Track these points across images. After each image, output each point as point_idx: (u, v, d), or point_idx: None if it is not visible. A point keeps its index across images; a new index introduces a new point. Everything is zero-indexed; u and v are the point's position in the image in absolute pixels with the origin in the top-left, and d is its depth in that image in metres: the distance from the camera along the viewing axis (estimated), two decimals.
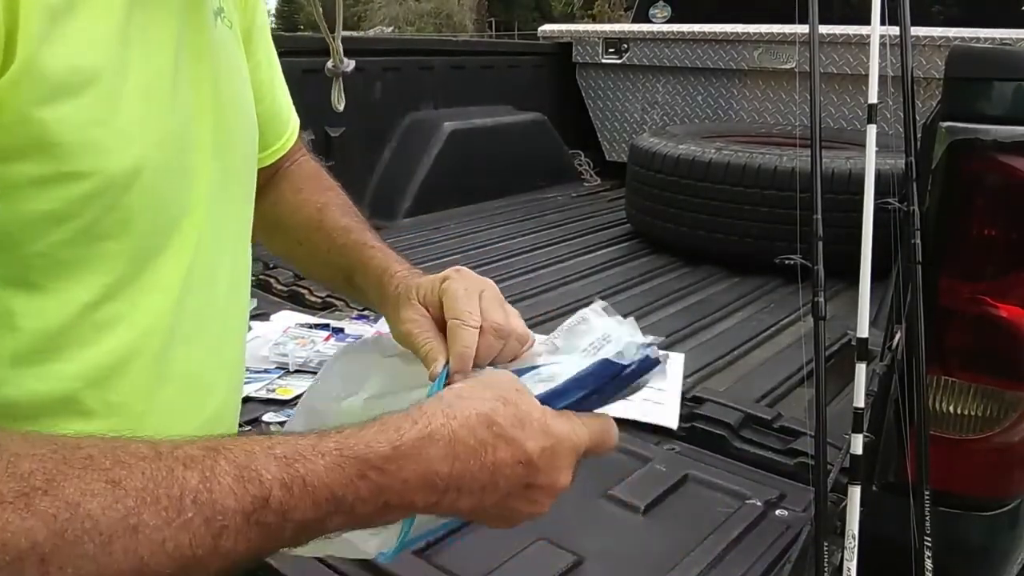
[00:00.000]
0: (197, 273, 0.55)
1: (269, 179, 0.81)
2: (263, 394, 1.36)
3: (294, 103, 0.87)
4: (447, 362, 0.57)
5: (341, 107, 0.69)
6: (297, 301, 1.92)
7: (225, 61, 0.60)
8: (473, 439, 0.49)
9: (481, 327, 0.58)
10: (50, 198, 0.43)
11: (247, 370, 1.48)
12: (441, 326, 0.60)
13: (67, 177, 0.44)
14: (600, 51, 3.46)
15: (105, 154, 0.45)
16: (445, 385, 0.55)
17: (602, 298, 2.26)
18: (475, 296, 0.61)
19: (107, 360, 0.50)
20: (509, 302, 0.76)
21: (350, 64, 0.69)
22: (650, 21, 3.66)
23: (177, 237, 0.53)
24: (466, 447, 0.48)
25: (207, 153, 0.56)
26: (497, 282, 2.10)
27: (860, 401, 0.97)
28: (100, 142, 0.45)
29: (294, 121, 0.83)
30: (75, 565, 0.36)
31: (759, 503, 1.07)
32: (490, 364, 0.59)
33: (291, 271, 2.09)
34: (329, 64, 0.68)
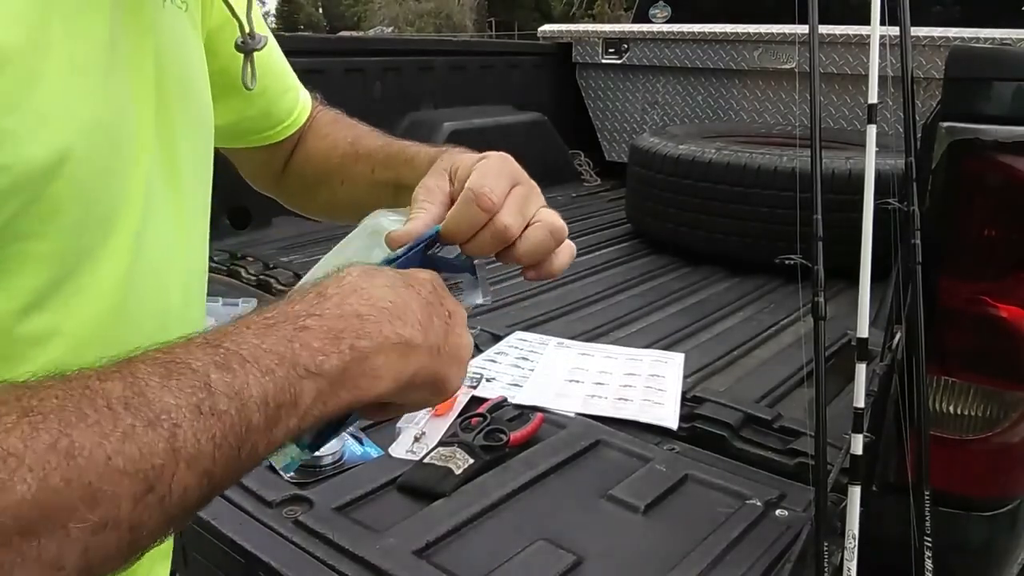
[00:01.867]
0: (140, 276, 0.49)
1: (291, 149, 0.80)
2: None
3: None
4: (432, 233, 0.52)
5: (253, 87, 0.65)
6: None
7: (173, 45, 0.55)
8: (402, 283, 0.46)
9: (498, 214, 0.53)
10: None
11: None
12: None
13: None
14: (600, 51, 3.46)
15: (21, 143, 0.40)
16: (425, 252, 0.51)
17: (602, 298, 2.25)
18: (504, 180, 0.56)
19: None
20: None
21: (261, 40, 0.64)
22: (650, 21, 3.66)
23: (113, 236, 0.47)
24: (401, 281, 0.46)
25: (148, 143, 0.50)
26: (497, 282, 2.11)
27: (860, 401, 0.97)
28: (15, 130, 0.40)
29: (304, 93, 0.80)
30: (15, 515, 0.30)
31: (759, 503, 1.07)
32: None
33: (291, 271, 2.09)
34: (238, 40, 0.63)
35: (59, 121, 0.42)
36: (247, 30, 0.63)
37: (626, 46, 3.39)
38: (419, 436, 1.22)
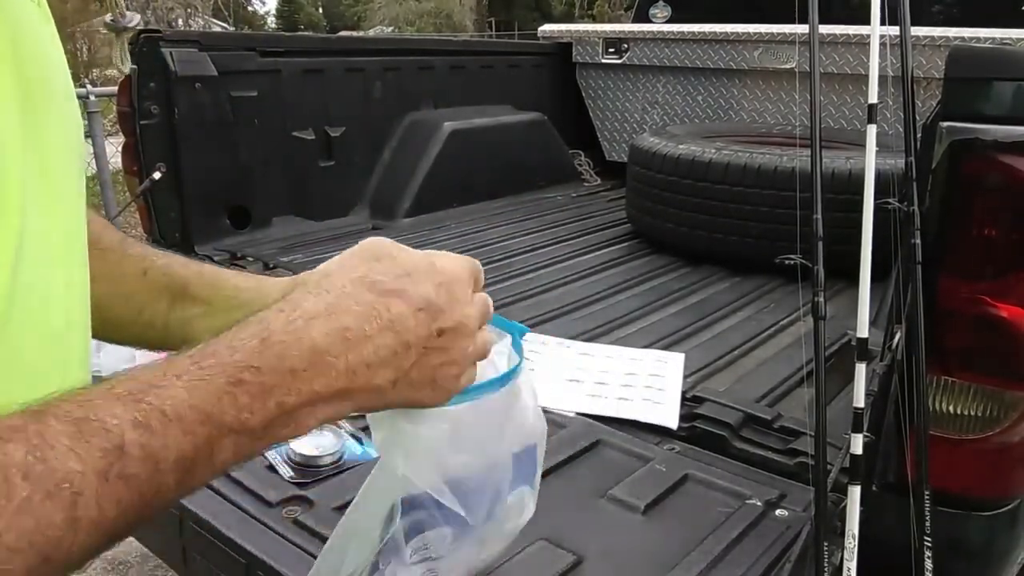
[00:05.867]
0: (20, 298, 0.43)
1: None
2: None
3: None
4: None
5: (126, 69, 0.55)
6: None
7: (31, 42, 0.48)
8: (357, 304, 0.44)
9: None
10: None
11: None
12: None
13: None
14: (600, 51, 3.46)
15: None
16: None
17: (602, 298, 2.26)
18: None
19: None
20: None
21: (134, 18, 0.55)
22: (650, 21, 3.66)
23: None
24: (354, 315, 0.44)
25: (15, 149, 0.44)
26: (497, 282, 2.12)
27: (860, 401, 0.97)
28: None
29: None
30: None
31: (759, 503, 1.07)
32: None
33: (291, 271, 2.09)
34: (108, 18, 0.54)
35: None
36: (119, 9, 0.56)
37: (626, 46, 3.39)
38: None
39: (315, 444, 1.14)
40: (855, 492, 0.94)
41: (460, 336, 0.49)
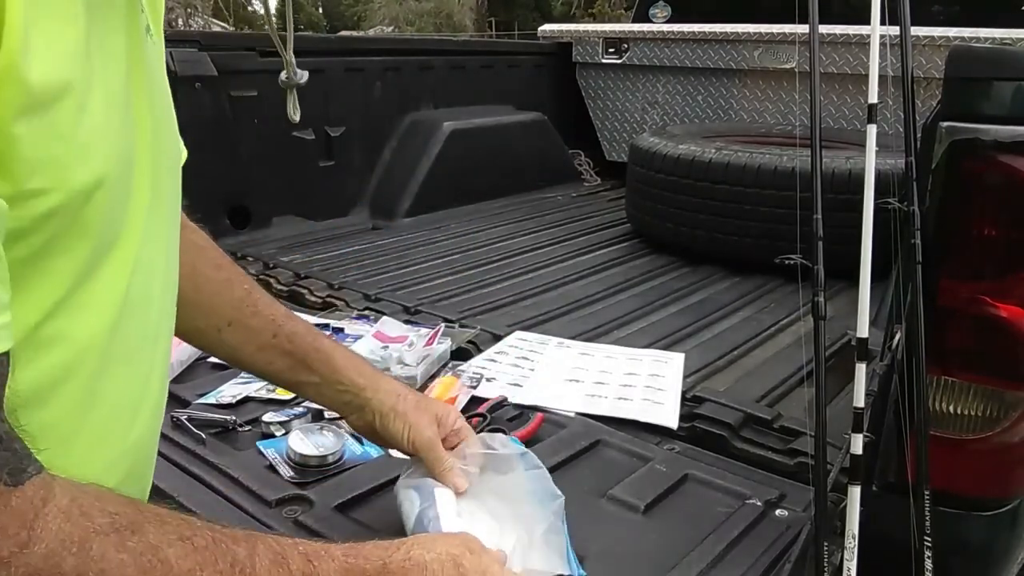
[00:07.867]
0: (134, 294, 0.54)
1: None
2: (263, 394, 1.36)
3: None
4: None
5: (296, 118, 0.75)
6: (297, 301, 1.92)
7: (157, 77, 0.58)
8: (441, 571, 0.63)
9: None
10: (14, 216, 0.41)
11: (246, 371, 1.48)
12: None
13: (30, 195, 0.41)
14: (600, 51, 3.46)
15: (66, 169, 0.43)
16: None
17: (602, 298, 2.25)
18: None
19: (44, 379, 0.48)
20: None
21: (303, 75, 0.74)
22: (650, 21, 3.66)
23: (115, 254, 0.51)
24: (434, 574, 0.63)
25: (145, 169, 0.54)
26: (497, 282, 2.12)
27: (860, 401, 0.97)
28: (61, 157, 0.43)
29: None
30: None
31: (759, 503, 1.07)
32: None
33: (291, 271, 2.09)
34: (283, 76, 0.72)
35: (97, 150, 0.46)
36: (292, 67, 0.76)
37: (626, 46, 3.39)
38: None
39: (315, 444, 1.14)
40: (855, 492, 0.94)
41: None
